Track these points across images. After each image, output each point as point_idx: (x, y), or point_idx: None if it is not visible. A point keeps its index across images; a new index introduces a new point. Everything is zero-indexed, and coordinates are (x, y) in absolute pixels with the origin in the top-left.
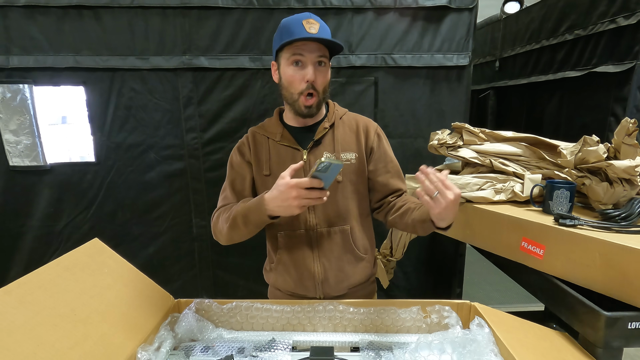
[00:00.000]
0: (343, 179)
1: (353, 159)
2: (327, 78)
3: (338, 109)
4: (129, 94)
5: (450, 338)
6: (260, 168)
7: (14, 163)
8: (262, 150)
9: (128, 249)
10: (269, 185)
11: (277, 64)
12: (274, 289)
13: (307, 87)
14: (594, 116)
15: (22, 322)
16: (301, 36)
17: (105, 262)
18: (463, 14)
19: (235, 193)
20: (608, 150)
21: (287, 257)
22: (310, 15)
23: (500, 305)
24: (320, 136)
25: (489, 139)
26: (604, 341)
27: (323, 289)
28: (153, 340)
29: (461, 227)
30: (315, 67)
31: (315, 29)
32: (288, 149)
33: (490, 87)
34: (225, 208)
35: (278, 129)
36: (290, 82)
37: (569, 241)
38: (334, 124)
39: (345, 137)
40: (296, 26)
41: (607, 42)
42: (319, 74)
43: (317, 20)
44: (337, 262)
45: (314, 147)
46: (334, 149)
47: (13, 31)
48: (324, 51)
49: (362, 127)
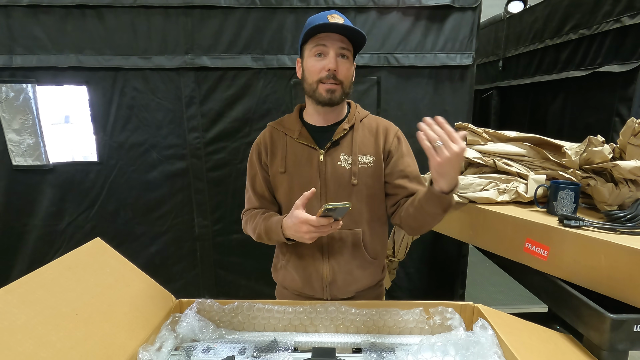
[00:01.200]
0: (358, 183)
1: (370, 163)
2: (351, 72)
3: (360, 111)
4: (132, 94)
5: (453, 340)
6: (275, 165)
7: (17, 162)
8: (279, 147)
9: (130, 249)
10: (284, 182)
11: (301, 60)
12: (282, 287)
13: (328, 76)
14: (598, 116)
15: (23, 321)
16: (323, 22)
17: (107, 262)
18: (466, 13)
19: (257, 196)
20: (613, 151)
21: (296, 256)
22: (335, 11)
23: (503, 307)
24: (339, 137)
25: (493, 139)
26: (609, 344)
27: (331, 290)
28: (154, 340)
29: (464, 228)
30: (337, 57)
31: (340, 22)
32: (305, 148)
33: (493, 87)
34: (251, 215)
35: (297, 126)
36: (311, 71)
37: (574, 242)
38: (353, 125)
39: (364, 139)
40: (320, 20)
41: (612, 41)
42: (341, 64)
43: (342, 16)
44: (346, 265)
45: (332, 147)
46: (352, 151)
47: (16, 31)
48: (347, 44)
49: (382, 130)
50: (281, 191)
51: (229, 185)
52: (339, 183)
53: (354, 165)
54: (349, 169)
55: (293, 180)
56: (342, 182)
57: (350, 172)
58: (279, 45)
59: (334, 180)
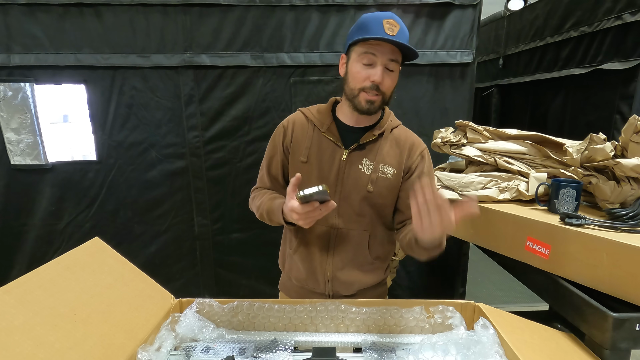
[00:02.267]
0: (374, 190)
1: (390, 174)
2: (395, 81)
3: (392, 120)
4: (130, 92)
5: (454, 339)
6: (298, 153)
7: (15, 162)
8: (305, 136)
9: (130, 248)
10: (304, 172)
11: (346, 57)
12: (287, 278)
13: (372, 87)
14: (599, 114)
15: (21, 321)
16: (378, 35)
17: (105, 262)
18: (467, 10)
19: (270, 177)
20: (615, 149)
21: (304, 247)
22: (392, 15)
23: (504, 305)
24: (366, 142)
25: (493, 137)
26: (611, 343)
27: (333, 286)
28: (154, 341)
29: (465, 226)
30: (384, 69)
31: (394, 32)
32: (330, 143)
33: (494, 84)
34: (259, 193)
35: (327, 119)
36: (356, 77)
37: (575, 241)
38: (383, 133)
39: (389, 150)
40: (375, 24)
41: (613, 38)
42: (387, 77)
43: (398, 22)
44: (349, 263)
45: (356, 149)
46: (375, 158)
47: (14, 29)
48: (397, 55)
49: (409, 145)
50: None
51: (228, 184)
52: (355, 186)
53: (374, 172)
54: (368, 175)
55: (312, 172)
56: (358, 186)
57: (369, 178)
58: (278, 43)
59: (351, 182)
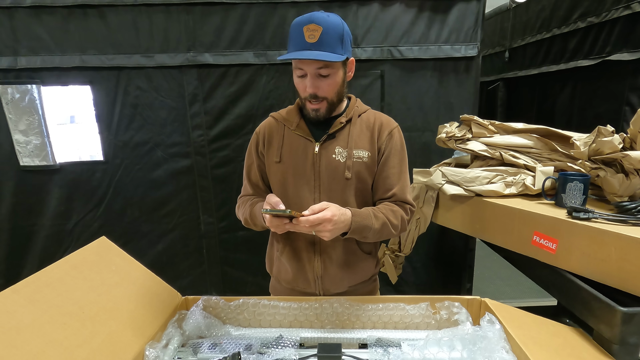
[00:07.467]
0: (352, 177)
1: (365, 157)
2: (335, 82)
3: (359, 106)
4: (135, 93)
5: (460, 335)
6: (271, 155)
7: (24, 163)
8: (276, 136)
9: (137, 247)
10: (279, 172)
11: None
12: (276, 282)
13: (310, 96)
14: (608, 106)
15: (30, 320)
16: (297, 49)
17: (112, 260)
18: (471, 3)
19: (251, 185)
20: (624, 141)
21: (290, 247)
22: (312, 19)
23: (512, 300)
24: (335, 130)
25: (499, 131)
26: (620, 337)
27: (323, 284)
28: (161, 338)
29: (471, 221)
30: (314, 78)
31: (315, 37)
32: (301, 139)
33: (499, 78)
34: (242, 201)
35: (295, 118)
36: (298, 89)
37: (583, 235)
38: (351, 119)
39: (360, 134)
40: (296, 34)
41: (622, 28)
42: (321, 83)
43: (320, 23)
44: (338, 259)
45: (327, 140)
46: (347, 144)
47: (20, 32)
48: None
49: (378, 126)
50: (275, 180)
51: (233, 182)
52: (332, 176)
53: (348, 159)
54: (343, 162)
55: (287, 171)
56: (336, 176)
57: (345, 165)
58: (281, 41)
59: (327, 173)
